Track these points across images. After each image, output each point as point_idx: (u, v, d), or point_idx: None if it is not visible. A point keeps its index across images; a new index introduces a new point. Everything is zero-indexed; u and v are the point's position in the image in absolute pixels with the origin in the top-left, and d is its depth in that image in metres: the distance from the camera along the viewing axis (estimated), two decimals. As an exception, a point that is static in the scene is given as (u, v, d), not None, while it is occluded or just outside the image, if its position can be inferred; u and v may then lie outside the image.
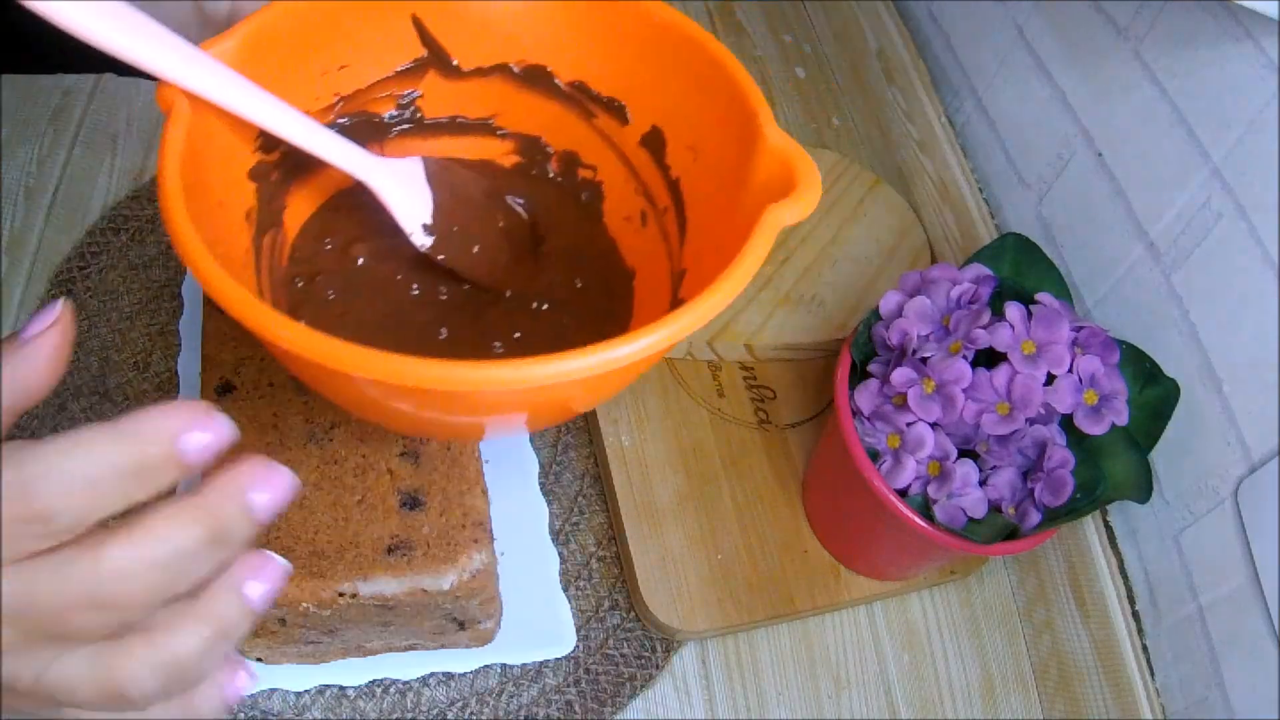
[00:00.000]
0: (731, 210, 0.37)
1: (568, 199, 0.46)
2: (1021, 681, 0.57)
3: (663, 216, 0.43)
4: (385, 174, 0.39)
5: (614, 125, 0.43)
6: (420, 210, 0.41)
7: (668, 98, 0.41)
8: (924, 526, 0.46)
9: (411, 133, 0.44)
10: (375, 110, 0.43)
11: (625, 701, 0.52)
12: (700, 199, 0.41)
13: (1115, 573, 0.55)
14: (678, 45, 0.39)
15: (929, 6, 0.74)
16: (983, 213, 0.66)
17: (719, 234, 0.38)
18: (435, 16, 0.41)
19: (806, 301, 0.62)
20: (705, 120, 0.40)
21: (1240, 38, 0.46)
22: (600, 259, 0.45)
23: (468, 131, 0.45)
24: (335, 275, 0.41)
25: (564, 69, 0.42)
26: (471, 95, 0.43)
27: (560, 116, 0.44)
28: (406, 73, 0.42)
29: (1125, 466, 0.47)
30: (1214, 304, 0.49)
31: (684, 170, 0.41)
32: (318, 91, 0.40)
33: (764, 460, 0.59)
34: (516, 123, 0.45)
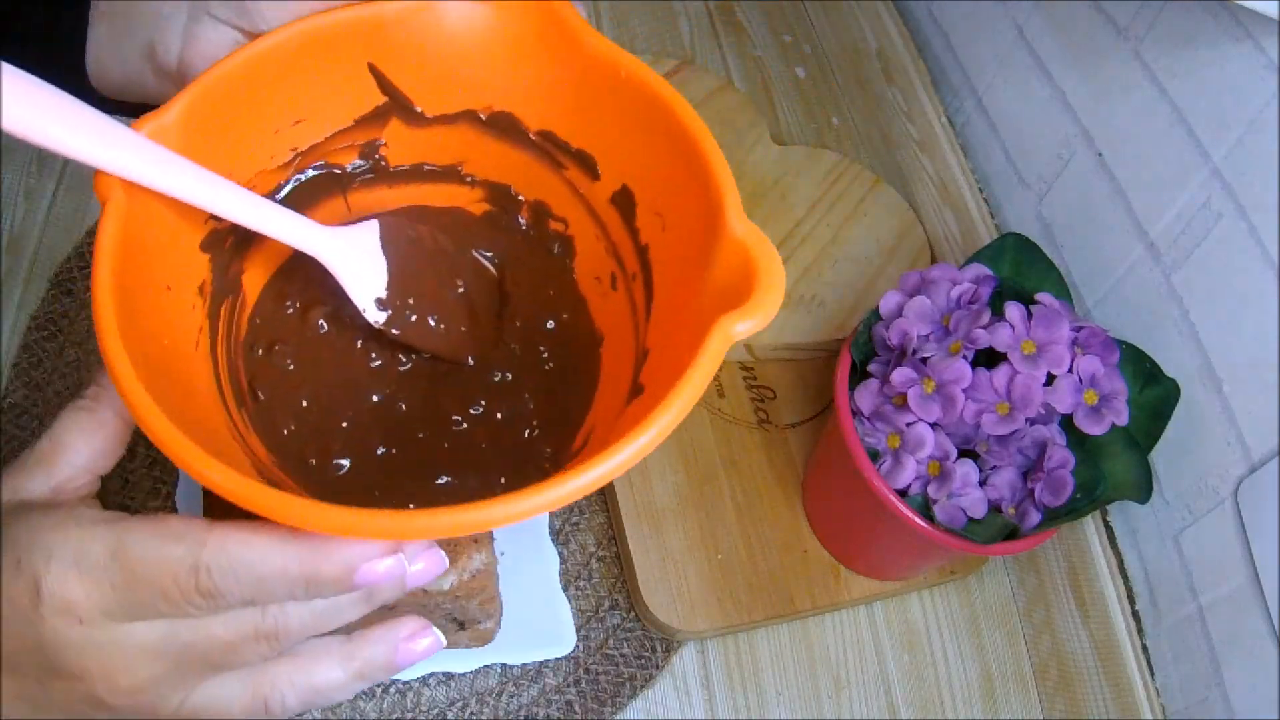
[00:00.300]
0: (691, 298, 0.35)
1: (538, 251, 0.44)
2: (1021, 681, 0.57)
3: (631, 283, 0.41)
4: (336, 247, 0.38)
5: (584, 179, 0.41)
6: (373, 283, 0.39)
7: (636, 156, 0.39)
8: (924, 526, 0.46)
9: (377, 181, 0.42)
10: (337, 161, 0.41)
11: (625, 701, 0.52)
12: (667, 272, 0.39)
13: (1115, 573, 0.55)
14: (647, 103, 0.36)
15: (929, 6, 0.74)
16: (983, 213, 0.67)
17: (678, 324, 0.36)
18: (394, 64, 0.38)
19: (806, 301, 0.62)
20: (673, 186, 0.37)
21: (1240, 38, 0.46)
22: (569, 321, 0.43)
23: (435, 179, 0.43)
24: (294, 343, 0.40)
25: (532, 118, 0.40)
26: (437, 142, 0.42)
27: (530, 166, 0.42)
28: (367, 121, 0.40)
29: (1125, 466, 0.47)
30: (1214, 304, 0.49)
31: (652, 237, 0.39)
32: (273, 149, 0.38)
33: (764, 460, 0.59)
34: (485, 170, 0.43)
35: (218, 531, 0.29)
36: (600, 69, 0.37)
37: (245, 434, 0.37)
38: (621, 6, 0.78)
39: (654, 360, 0.38)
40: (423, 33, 0.37)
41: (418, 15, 0.37)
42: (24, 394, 0.55)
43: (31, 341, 0.57)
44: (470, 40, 0.38)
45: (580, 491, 0.28)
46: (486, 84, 0.39)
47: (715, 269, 0.33)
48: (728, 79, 0.75)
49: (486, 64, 0.39)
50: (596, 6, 0.77)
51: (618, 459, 0.29)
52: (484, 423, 0.40)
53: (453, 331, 0.41)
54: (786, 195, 0.67)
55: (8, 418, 0.55)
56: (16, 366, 0.56)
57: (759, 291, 0.31)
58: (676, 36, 0.77)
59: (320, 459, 0.38)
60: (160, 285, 0.34)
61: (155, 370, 0.31)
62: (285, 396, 0.38)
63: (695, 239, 0.35)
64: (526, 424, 0.40)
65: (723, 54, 0.77)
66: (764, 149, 0.69)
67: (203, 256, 0.36)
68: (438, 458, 0.39)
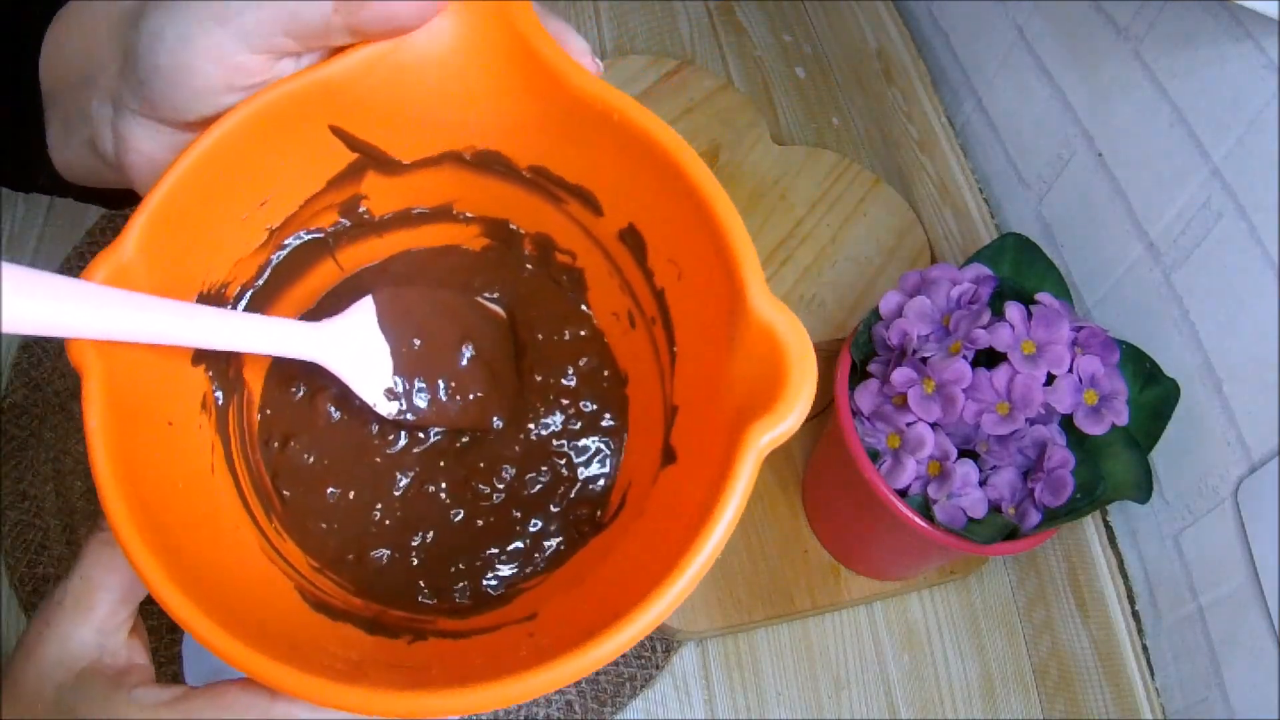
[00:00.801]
0: (718, 369, 0.32)
1: (547, 285, 0.41)
2: (1021, 681, 0.57)
3: (651, 326, 0.38)
4: (331, 346, 0.35)
5: (587, 214, 0.38)
6: (378, 373, 0.37)
7: (640, 198, 0.35)
8: (924, 526, 0.46)
9: (364, 234, 0.39)
10: (318, 225, 0.38)
11: (625, 701, 0.52)
12: (687, 323, 0.36)
13: (1115, 573, 0.55)
14: (646, 148, 0.33)
15: (929, 6, 0.74)
16: (983, 213, 0.66)
17: (706, 392, 0.33)
18: (359, 120, 0.35)
19: (807, 301, 0.62)
20: (684, 236, 0.34)
21: (1240, 38, 0.46)
22: (591, 367, 0.40)
23: (426, 220, 0.40)
24: (308, 436, 0.38)
25: (521, 154, 0.37)
26: (422, 186, 0.38)
27: (526, 201, 0.38)
28: (341, 180, 0.36)
29: (1125, 466, 0.47)
30: (1214, 304, 0.49)
31: (668, 283, 0.36)
32: (245, 236, 0.35)
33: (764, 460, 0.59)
34: (479, 207, 0.39)
35: (281, 705, 0.29)
36: (589, 109, 0.33)
37: (281, 544, 0.35)
38: (621, 6, 0.78)
39: (684, 423, 0.36)
40: (384, 83, 0.34)
41: (372, 69, 0.33)
42: (24, 394, 0.56)
43: (31, 341, 0.57)
44: (440, 82, 0.34)
45: (622, 648, 0.27)
46: (466, 124, 0.36)
47: (741, 348, 0.31)
48: (728, 79, 0.75)
49: (463, 104, 0.35)
50: (596, 6, 0.78)
51: (649, 616, 0.27)
52: (517, 491, 0.38)
53: (470, 402, 0.39)
54: (786, 195, 0.67)
55: (8, 418, 0.55)
56: (16, 366, 0.56)
57: (789, 392, 0.29)
58: (676, 36, 0.77)
59: (358, 554, 0.36)
60: (160, 425, 0.32)
61: (172, 532, 0.30)
62: (310, 492, 0.37)
63: (714, 298, 0.32)
64: (560, 485, 0.39)
65: (723, 54, 0.77)
66: (764, 149, 0.69)
67: (196, 371, 0.34)
68: (478, 534, 0.38)
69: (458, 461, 0.38)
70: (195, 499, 0.32)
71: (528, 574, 0.38)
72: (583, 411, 0.40)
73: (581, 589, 0.35)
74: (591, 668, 0.27)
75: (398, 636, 0.34)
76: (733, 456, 0.29)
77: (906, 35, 0.75)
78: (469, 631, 0.35)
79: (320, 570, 0.36)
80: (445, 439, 0.39)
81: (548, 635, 0.33)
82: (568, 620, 0.33)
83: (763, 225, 0.65)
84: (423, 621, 0.36)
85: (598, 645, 0.27)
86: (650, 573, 0.28)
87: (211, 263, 0.34)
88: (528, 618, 0.35)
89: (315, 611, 0.34)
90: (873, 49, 0.77)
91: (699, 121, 0.69)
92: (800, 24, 0.80)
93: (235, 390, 0.36)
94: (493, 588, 0.37)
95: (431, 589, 0.36)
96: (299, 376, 0.38)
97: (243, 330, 0.33)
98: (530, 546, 0.38)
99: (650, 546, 0.33)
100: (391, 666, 0.33)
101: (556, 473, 0.39)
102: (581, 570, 0.37)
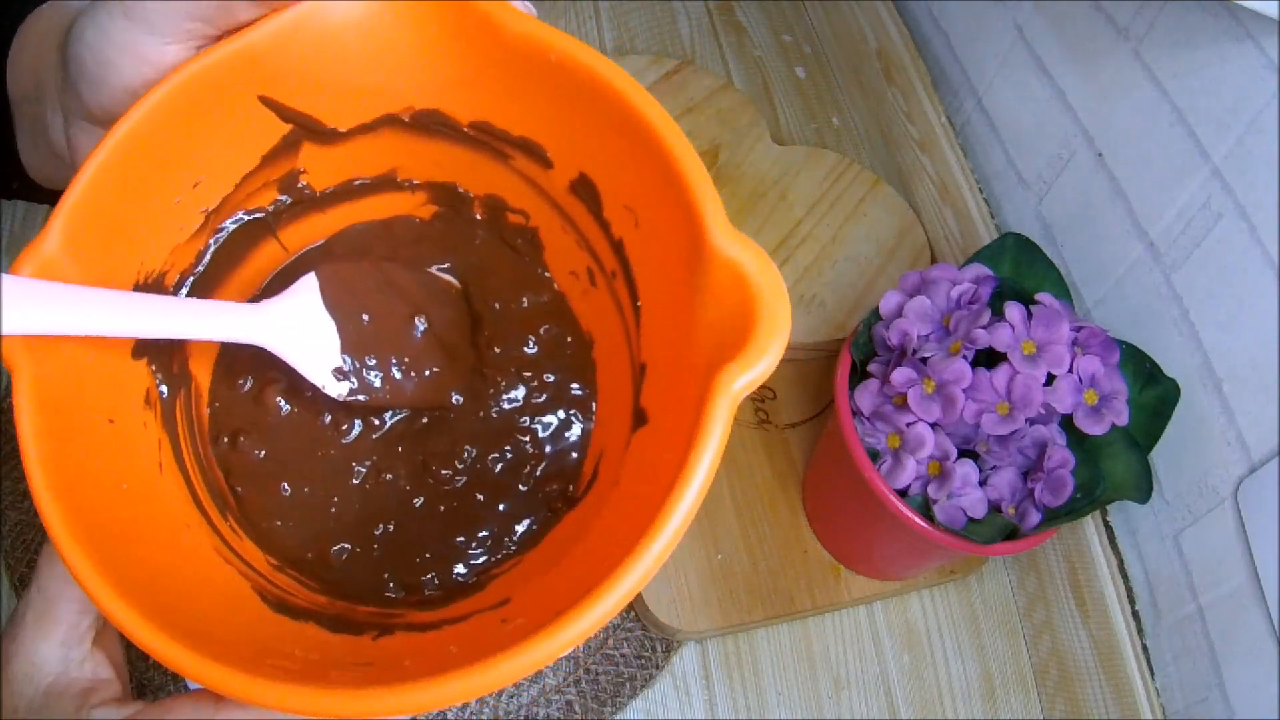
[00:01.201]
0: (683, 316, 0.30)
1: (501, 249, 0.39)
2: (1021, 681, 0.57)
3: (613, 281, 0.36)
4: (274, 328, 0.34)
5: (535, 168, 0.36)
6: (326, 354, 0.35)
7: (588, 144, 0.34)
8: (924, 526, 0.46)
9: (306, 210, 0.38)
10: (257, 205, 0.36)
11: (625, 701, 0.52)
12: (650, 273, 0.34)
13: (1115, 573, 0.55)
14: (590, 88, 0.31)
15: (929, 6, 0.74)
16: (983, 213, 0.66)
17: (674, 344, 0.32)
18: (288, 88, 0.33)
19: (806, 301, 0.62)
20: (638, 179, 0.32)
21: (1240, 38, 0.46)
22: (552, 334, 0.38)
23: (370, 191, 0.38)
24: (258, 431, 0.36)
25: (461, 110, 0.35)
26: (363, 154, 0.36)
27: (472, 160, 0.37)
28: (277, 155, 0.35)
29: (1125, 466, 0.47)
30: (1214, 304, 0.49)
31: (625, 233, 0.34)
32: (180, 220, 0.33)
33: (764, 460, 0.59)
34: (423, 172, 0.38)
35: (226, 709, 0.29)
36: (527, 53, 0.32)
37: (238, 543, 0.34)
38: (621, 6, 0.78)
39: (654, 382, 0.34)
40: (311, 47, 0.32)
41: (297, 32, 0.31)
42: (24, 394, 0.55)
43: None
44: (369, 43, 0.33)
45: (595, 625, 0.25)
46: (401, 85, 0.34)
47: (707, 292, 0.29)
48: (728, 79, 0.75)
49: (395, 65, 0.34)
50: (596, 6, 0.77)
51: (622, 588, 0.25)
52: (481, 473, 0.37)
53: (427, 378, 0.37)
54: (786, 195, 0.67)
55: (8, 418, 0.55)
56: (16, 366, 0.56)
57: (760, 332, 0.27)
58: (676, 36, 0.77)
59: (318, 551, 0.35)
60: (100, 424, 0.30)
61: (116, 536, 0.28)
62: (264, 490, 0.35)
63: (676, 243, 0.31)
64: (526, 463, 0.37)
65: (723, 54, 0.77)
66: (764, 149, 0.69)
67: (138, 364, 0.32)
68: (443, 521, 0.36)
69: (416, 446, 0.37)
70: (142, 500, 0.31)
71: (500, 558, 0.36)
72: (546, 383, 0.38)
73: (556, 570, 0.34)
74: (563, 648, 0.25)
75: (362, 633, 0.33)
76: (704, 404, 0.26)
77: (906, 35, 0.75)
78: (439, 623, 0.34)
79: (280, 569, 0.34)
80: (402, 423, 0.37)
81: (521, 619, 0.31)
82: (542, 603, 0.31)
83: (763, 225, 0.65)
84: (391, 616, 0.34)
85: (567, 624, 0.25)
86: (626, 543, 0.26)
87: (146, 251, 0.32)
88: (500, 603, 0.33)
89: (276, 612, 0.32)
90: (873, 49, 0.77)
91: (699, 121, 0.69)
92: (800, 24, 0.80)
93: (181, 384, 0.35)
94: (463, 576, 0.36)
95: (399, 582, 0.35)
96: (246, 368, 0.37)
97: (172, 315, 0.31)
98: (500, 530, 0.36)
99: (626, 516, 0.31)
100: (356, 665, 0.31)
101: (521, 450, 0.37)
102: (557, 549, 0.35)
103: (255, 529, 0.35)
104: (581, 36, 0.76)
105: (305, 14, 0.31)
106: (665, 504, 0.26)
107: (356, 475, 0.36)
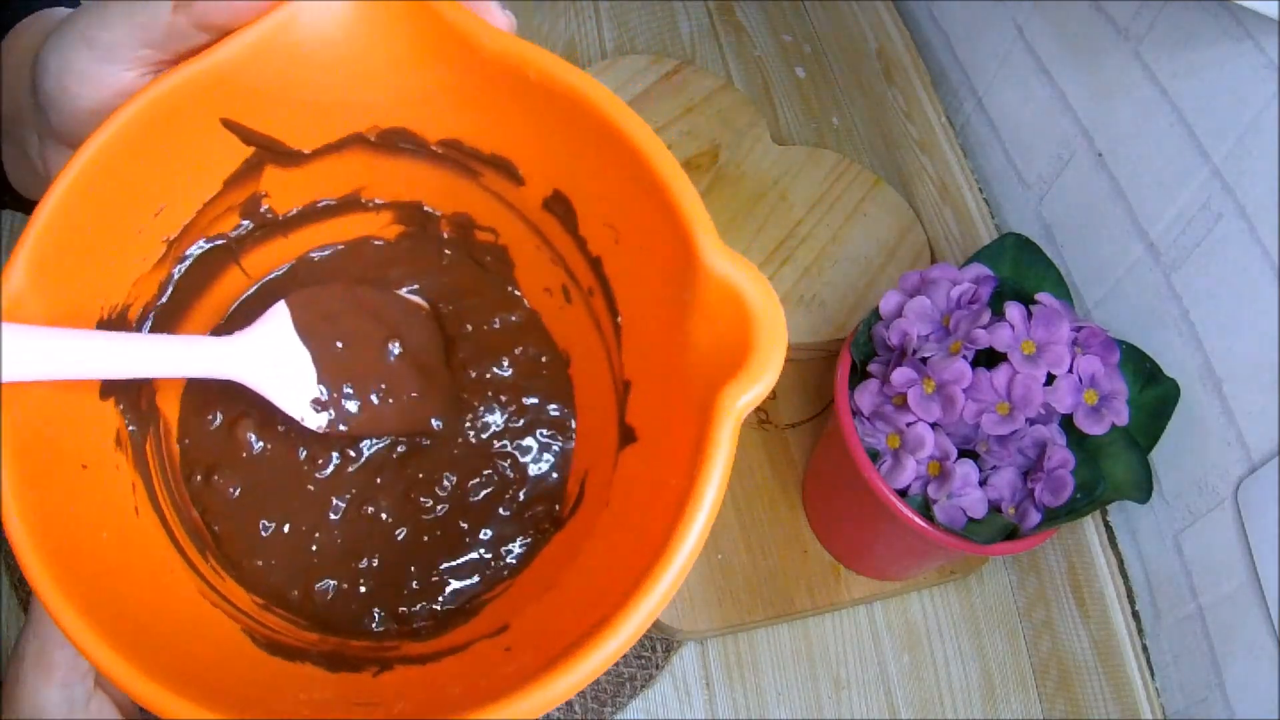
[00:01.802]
0: (674, 333, 0.30)
1: (471, 270, 0.38)
2: (1021, 681, 0.57)
3: (590, 298, 0.35)
4: (247, 360, 0.33)
5: (506, 185, 0.35)
6: (303, 385, 0.34)
7: (566, 161, 0.33)
8: (924, 526, 0.46)
9: (269, 235, 0.36)
10: (219, 231, 0.35)
11: (625, 701, 0.52)
12: (631, 290, 0.33)
13: (1115, 573, 0.55)
14: (571, 107, 0.30)
15: (929, 6, 0.74)
16: (983, 213, 0.66)
17: (662, 361, 0.31)
18: (252, 110, 0.32)
19: (806, 302, 0.62)
20: (620, 198, 0.31)
21: (1240, 38, 0.46)
22: (527, 347, 0.38)
23: (334, 213, 0.37)
24: (230, 469, 0.35)
25: (430, 129, 0.34)
26: (327, 175, 0.35)
27: (439, 178, 0.36)
28: (239, 178, 0.34)
29: (1125, 466, 0.47)
30: (1214, 304, 0.49)
31: (604, 250, 0.33)
32: (142, 250, 0.32)
33: (764, 460, 0.59)
34: (388, 191, 0.37)
35: None
36: (503, 71, 0.31)
37: (220, 584, 0.33)
38: (621, 6, 0.78)
39: (640, 399, 0.33)
40: (278, 66, 0.31)
41: (264, 51, 0.30)
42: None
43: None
44: (338, 59, 0.31)
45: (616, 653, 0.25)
46: (368, 103, 0.33)
47: (699, 311, 0.28)
48: (728, 79, 0.75)
49: (363, 82, 0.32)
50: (597, 6, 0.77)
51: (641, 613, 0.25)
52: (462, 500, 0.36)
53: (406, 403, 0.36)
54: (786, 195, 0.67)
55: None
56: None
57: (760, 350, 0.26)
58: (676, 36, 0.77)
59: (303, 589, 0.34)
60: (74, 469, 0.29)
61: (101, 584, 0.28)
62: (243, 528, 0.34)
63: (662, 260, 0.30)
64: (507, 487, 0.36)
65: (723, 54, 0.77)
66: (764, 149, 0.69)
67: (106, 405, 0.31)
68: (427, 551, 0.35)
69: (396, 476, 0.36)
70: (122, 545, 0.30)
71: (490, 584, 0.35)
72: (524, 405, 0.37)
73: (554, 594, 0.33)
74: (587, 679, 0.24)
75: (362, 670, 0.32)
76: (707, 426, 0.26)
77: (906, 35, 0.75)
78: (438, 653, 0.33)
79: (267, 608, 0.34)
80: (380, 454, 0.36)
81: (526, 648, 0.31)
82: (545, 630, 0.31)
83: (763, 225, 0.65)
84: (386, 649, 0.33)
85: (588, 655, 0.24)
86: (630, 566, 0.26)
87: (110, 284, 0.31)
88: (499, 630, 0.33)
89: (268, 654, 0.31)
90: (873, 49, 0.77)
91: (699, 121, 0.69)
92: (800, 24, 0.80)
93: (150, 422, 0.34)
94: (453, 605, 0.35)
95: (388, 614, 0.34)
96: (215, 401, 0.35)
97: (144, 354, 0.30)
98: (487, 556, 0.35)
99: (624, 538, 0.31)
100: (359, 704, 0.30)
101: (502, 475, 0.36)
102: (549, 573, 0.35)
103: (237, 569, 0.34)
104: (581, 36, 0.76)
105: (275, 29, 0.30)
106: (677, 528, 0.25)
107: (336, 509, 0.35)
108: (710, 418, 0.26)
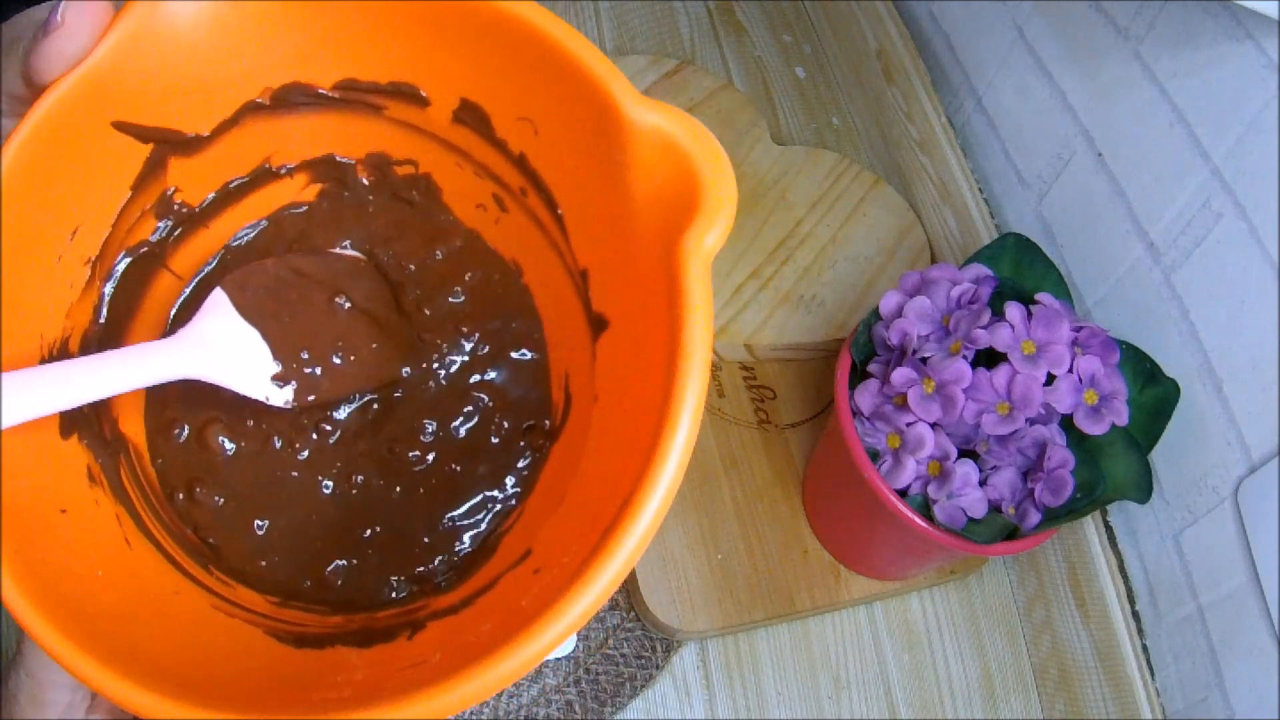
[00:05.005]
0: (616, 202, 0.29)
1: (397, 207, 0.37)
2: (1021, 681, 0.57)
3: (524, 198, 0.34)
4: (197, 354, 0.32)
5: (412, 110, 0.34)
6: (260, 366, 0.33)
7: (465, 66, 0.32)
8: (924, 526, 0.46)
9: (190, 231, 0.36)
10: (138, 239, 0.34)
11: (625, 701, 0.52)
12: (564, 177, 0.32)
13: (1115, 573, 0.55)
14: (461, 10, 0.30)
15: (929, 6, 0.74)
16: (983, 213, 0.66)
17: (615, 235, 0.30)
18: (138, 106, 0.31)
19: (806, 301, 0.62)
20: (529, 85, 0.31)
21: (1240, 38, 0.46)
22: (475, 271, 0.37)
23: (248, 190, 0.36)
24: (209, 478, 0.34)
25: (320, 75, 0.33)
26: (231, 152, 0.34)
27: (343, 124, 0.35)
28: (145, 178, 0.33)
29: (1125, 466, 0.47)
30: (1214, 304, 0.49)
31: (526, 145, 0.33)
32: (68, 277, 0.31)
33: (764, 460, 0.59)
34: (296, 153, 0.36)
35: None
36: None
37: (231, 593, 0.32)
38: (621, 6, 0.78)
39: (601, 283, 0.32)
40: (152, 59, 0.30)
41: (135, 47, 0.29)
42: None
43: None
44: (210, 35, 0.31)
45: (646, 536, 0.24)
46: (253, 68, 0.32)
47: (635, 169, 0.27)
48: (728, 79, 0.75)
49: (242, 49, 0.32)
50: (597, 6, 0.77)
51: (666, 476, 0.24)
52: (448, 443, 0.35)
53: (367, 356, 0.35)
54: (786, 195, 0.67)
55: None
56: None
57: (709, 187, 0.26)
58: (676, 36, 0.77)
59: (314, 576, 0.34)
60: (53, 516, 0.29)
61: (109, 624, 0.27)
62: (238, 535, 0.34)
63: (586, 133, 0.29)
64: (491, 417, 0.36)
65: (723, 54, 0.77)
66: (764, 149, 0.69)
67: (69, 444, 0.30)
68: (428, 503, 0.35)
69: (376, 437, 0.35)
70: (121, 580, 0.29)
71: (501, 517, 0.35)
72: (488, 330, 0.36)
73: (567, 504, 0.32)
74: (624, 571, 0.23)
75: (395, 638, 0.32)
76: (677, 278, 0.25)
77: (906, 35, 0.75)
78: (468, 599, 0.32)
79: (283, 604, 0.33)
80: (355, 420, 0.35)
81: (553, 566, 0.30)
82: (564, 542, 0.30)
83: (763, 225, 0.65)
84: (415, 611, 0.33)
85: (624, 534, 0.23)
86: (635, 445, 0.25)
87: (43, 320, 0.30)
88: (523, 557, 0.32)
89: (297, 648, 0.31)
90: (873, 49, 0.77)
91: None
92: (800, 24, 0.80)
93: (118, 450, 0.33)
94: (470, 548, 0.34)
95: (406, 578, 0.34)
96: (177, 414, 0.34)
97: (96, 374, 0.29)
98: (491, 492, 0.35)
99: (622, 425, 0.30)
100: (403, 669, 0.30)
101: (483, 406, 0.36)
102: (557, 487, 0.34)
103: (243, 574, 0.33)
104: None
105: (139, 22, 0.29)
106: (674, 382, 0.24)
107: (325, 488, 0.35)
108: (678, 270, 0.25)
